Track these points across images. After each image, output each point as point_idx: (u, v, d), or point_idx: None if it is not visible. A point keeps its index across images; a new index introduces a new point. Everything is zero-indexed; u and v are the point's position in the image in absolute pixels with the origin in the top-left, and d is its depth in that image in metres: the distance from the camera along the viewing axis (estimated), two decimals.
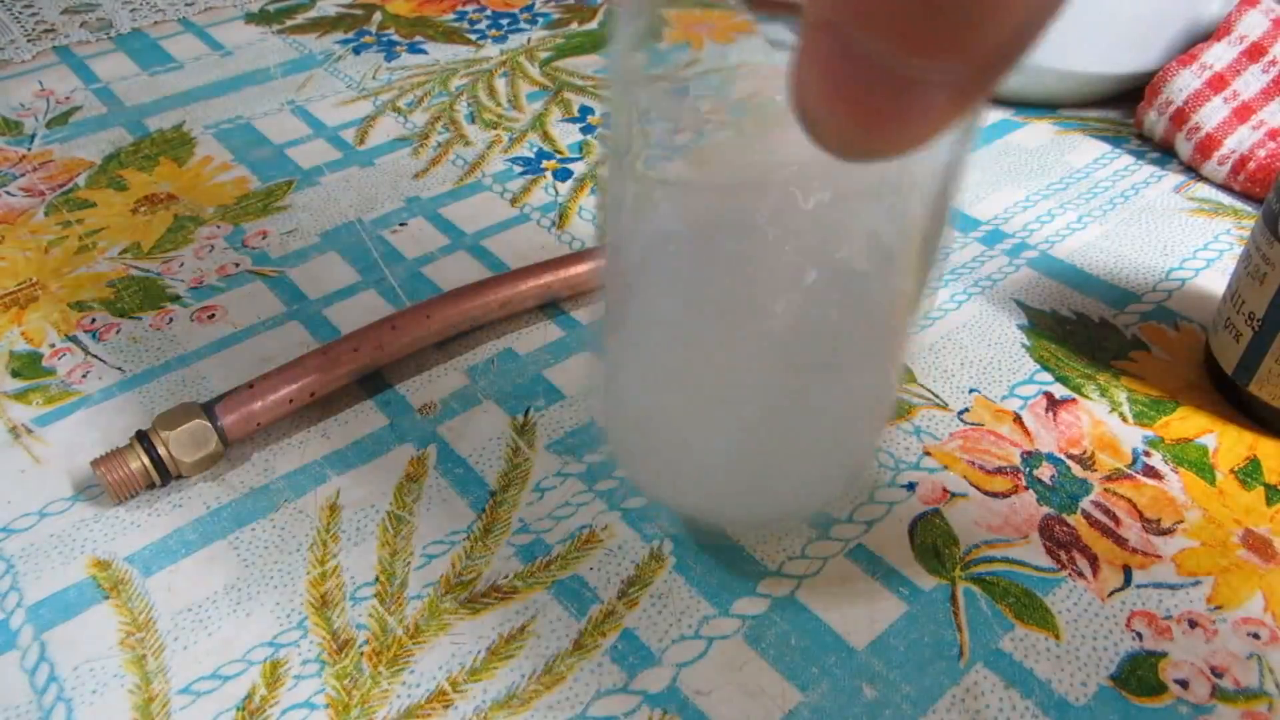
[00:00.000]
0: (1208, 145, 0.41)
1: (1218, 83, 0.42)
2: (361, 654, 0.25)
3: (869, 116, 0.11)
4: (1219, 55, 0.42)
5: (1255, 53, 0.42)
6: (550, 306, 0.36)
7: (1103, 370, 0.33)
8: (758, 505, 0.25)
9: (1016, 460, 0.29)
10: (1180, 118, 0.42)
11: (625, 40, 0.17)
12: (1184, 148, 0.42)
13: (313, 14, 0.59)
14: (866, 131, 0.11)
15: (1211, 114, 0.41)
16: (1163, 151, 0.44)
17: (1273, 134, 0.41)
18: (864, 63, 0.11)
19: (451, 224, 0.40)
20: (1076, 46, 0.44)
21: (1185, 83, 0.42)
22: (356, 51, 0.54)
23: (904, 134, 0.11)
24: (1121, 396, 0.32)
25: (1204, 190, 0.41)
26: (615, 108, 0.19)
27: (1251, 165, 0.40)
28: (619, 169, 0.20)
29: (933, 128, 0.11)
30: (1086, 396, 0.31)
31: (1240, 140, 0.41)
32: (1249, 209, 0.40)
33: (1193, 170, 0.43)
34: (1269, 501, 0.28)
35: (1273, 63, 0.42)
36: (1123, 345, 0.34)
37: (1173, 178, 0.42)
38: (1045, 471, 0.29)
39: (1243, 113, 0.41)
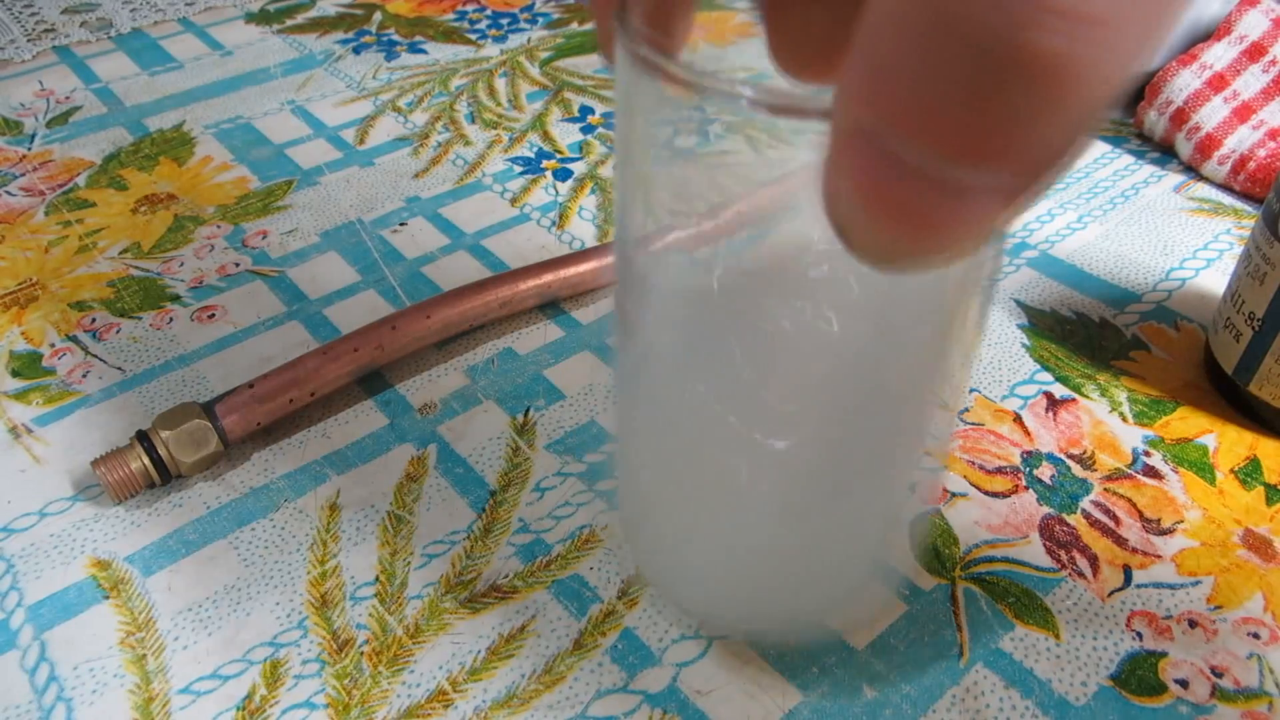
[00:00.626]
0: (1208, 145, 0.41)
1: (1218, 82, 0.42)
2: (361, 654, 0.25)
3: (912, 226, 0.10)
4: (1219, 55, 0.42)
5: (1256, 53, 0.42)
6: (550, 306, 0.36)
7: (1103, 370, 0.33)
8: (778, 615, 0.23)
9: (1016, 460, 0.29)
10: (1180, 117, 0.42)
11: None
12: (1184, 147, 0.42)
13: (313, 14, 0.59)
14: (909, 242, 0.11)
15: (1211, 114, 0.41)
16: (1163, 151, 0.44)
17: (1273, 134, 0.41)
18: (904, 169, 0.10)
19: (451, 224, 0.40)
20: None
21: (1185, 82, 0.42)
22: (356, 51, 0.54)
23: (950, 243, 0.10)
24: (1121, 396, 0.32)
25: (1204, 190, 0.41)
26: (620, 111, 0.18)
27: (1251, 165, 0.40)
28: (628, 191, 0.18)
29: (980, 235, 0.11)
30: (1086, 396, 0.31)
31: (1240, 140, 0.41)
32: (1249, 209, 0.40)
33: (1193, 170, 0.43)
34: (1269, 501, 0.28)
35: (1273, 63, 0.42)
36: (1123, 345, 0.34)
37: (1173, 178, 0.42)
38: (1045, 471, 0.29)
39: (1243, 113, 0.41)
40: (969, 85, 0.09)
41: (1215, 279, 0.36)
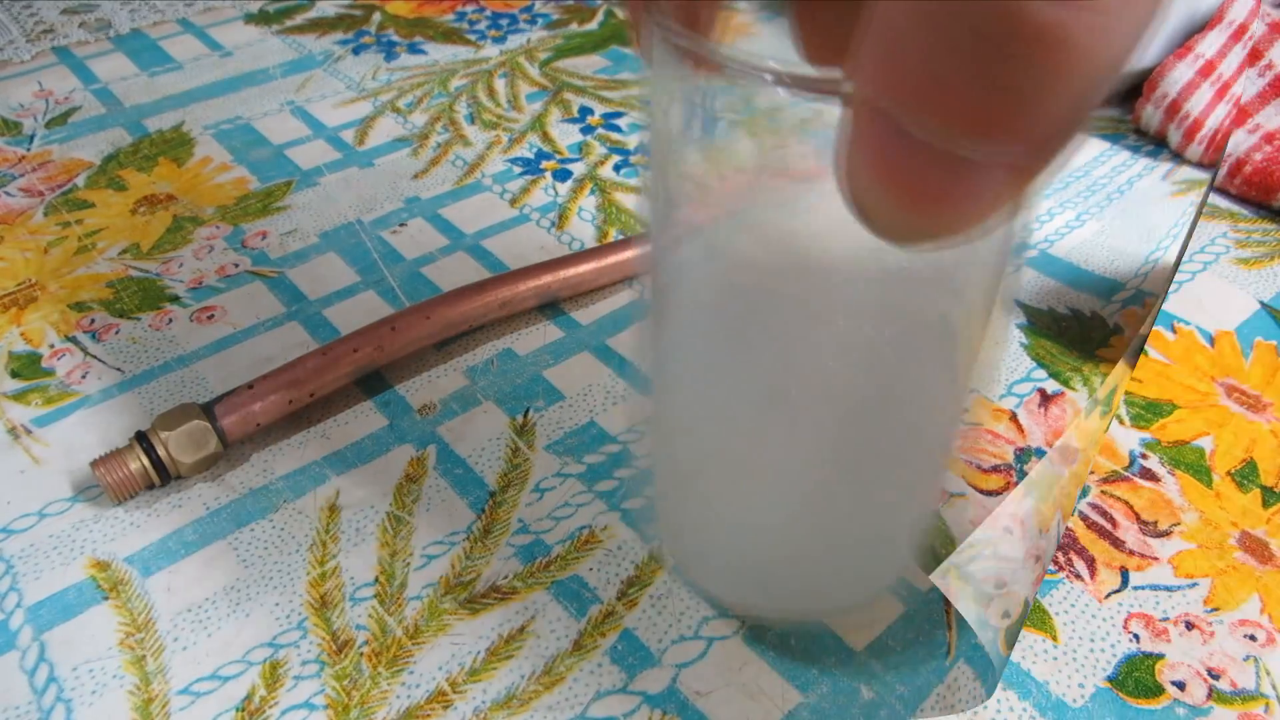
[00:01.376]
0: (1193, 129, 0.42)
1: (1207, 69, 0.43)
2: (361, 654, 0.25)
3: (925, 201, 0.11)
4: (1210, 43, 0.43)
5: (1253, 56, 0.42)
6: (550, 307, 0.36)
7: (1095, 363, 0.33)
8: (808, 600, 0.24)
9: (1010, 457, 0.29)
10: (1173, 109, 0.43)
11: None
12: (1174, 136, 0.44)
13: (312, 14, 0.59)
14: (923, 217, 0.11)
15: (1199, 100, 0.42)
16: (1158, 144, 0.45)
17: (1268, 137, 0.41)
18: (918, 146, 0.10)
19: (451, 224, 0.40)
20: None
21: (1180, 75, 0.43)
22: (356, 52, 0.54)
23: (963, 218, 0.11)
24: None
25: (1186, 172, 0.42)
26: (650, 100, 0.18)
27: (1248, 169, 0.40)
28: (658, 183, 0.18)
29: (992, 210, 0.11)
30: (1077, 390, 0.32)
31: (1236, 144, 0.41)
32: (1246, 212, 0.40)
33: (1179, 156, 0.44)
34: (1265, 504, 0.28)
35: (1269, 67, 0.42)
36: (1106, 334, 0.34)
37: (1164, 168, 0.42)
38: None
39: (1241, 116, 0.42)
40: (974, 60, 0.09)
41: (1215, 280, 0.37)
